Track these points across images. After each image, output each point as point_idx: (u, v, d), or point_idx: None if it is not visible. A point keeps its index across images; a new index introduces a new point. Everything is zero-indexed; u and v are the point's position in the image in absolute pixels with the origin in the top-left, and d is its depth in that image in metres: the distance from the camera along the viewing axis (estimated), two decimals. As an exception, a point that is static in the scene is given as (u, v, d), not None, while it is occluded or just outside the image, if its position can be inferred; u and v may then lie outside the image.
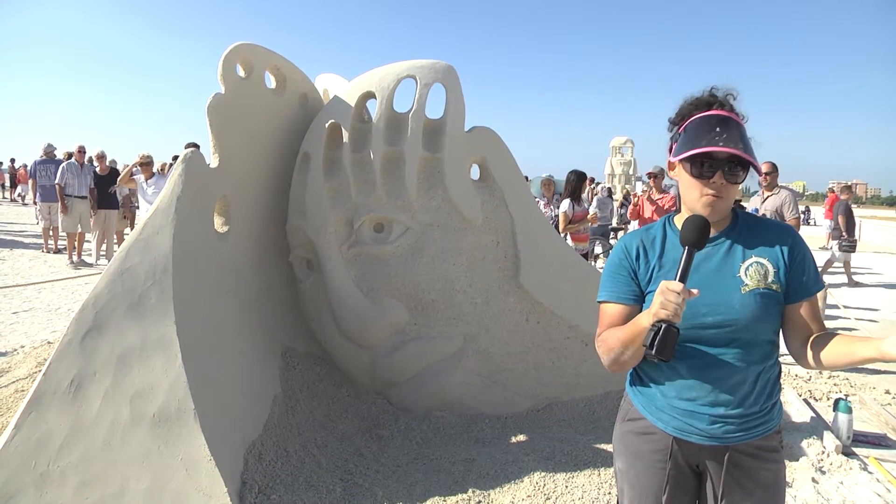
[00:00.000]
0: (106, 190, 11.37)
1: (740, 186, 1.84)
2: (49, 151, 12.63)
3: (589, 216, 8.19)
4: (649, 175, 8.59)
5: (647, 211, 8.23)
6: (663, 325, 1.59)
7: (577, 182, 7.90)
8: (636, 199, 8.63)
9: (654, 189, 8.54)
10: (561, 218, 7.80)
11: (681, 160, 1.77)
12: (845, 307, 7.71)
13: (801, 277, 1.77)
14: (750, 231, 1.83)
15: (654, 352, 1.59)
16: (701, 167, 1.72)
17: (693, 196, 1.77)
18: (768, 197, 6.93)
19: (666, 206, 8.02)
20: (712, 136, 1.71)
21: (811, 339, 1.75)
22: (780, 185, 7.16)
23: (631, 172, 28.99)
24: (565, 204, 7.82)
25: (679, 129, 1.85)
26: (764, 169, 6.94)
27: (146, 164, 9.40)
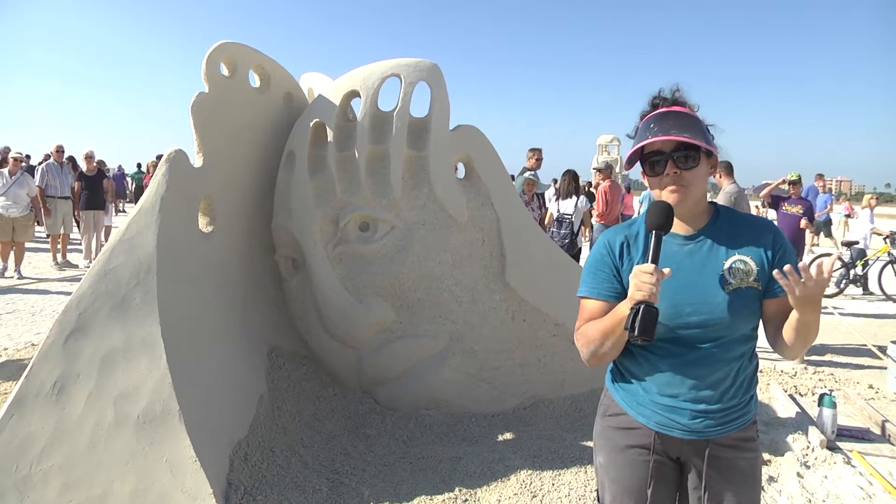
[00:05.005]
0: (94, 190, 11.26)
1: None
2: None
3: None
4: (596, 170, 9.17)
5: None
6: (641, 306, 1.61)
7: (576, 180, 8.40)
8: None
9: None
10: (586, 216, 8.44)
11: (634, 166, 1.86)
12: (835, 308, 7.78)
13: None
14: (731, 227, 1.84)
15: (636, 333, 1.61)
16: (652, 166, 1.79)
17: (657, 194, 1.81)
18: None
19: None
20: (647, 133, 1.77)
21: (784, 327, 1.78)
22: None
23: (617, 170, 29.09)
24: (584, 201, 8.27)
25: None
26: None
27: None
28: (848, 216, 25.74)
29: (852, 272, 10.45)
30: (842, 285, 10.39)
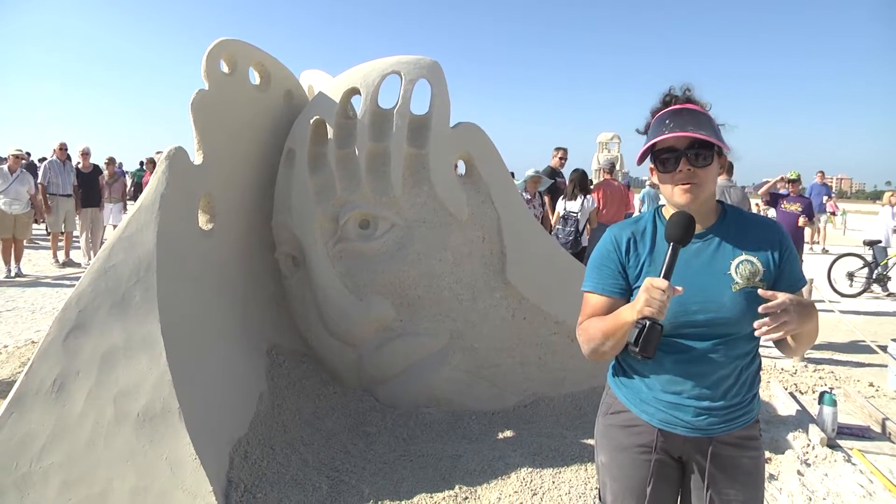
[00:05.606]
0: (90, 188, 11.23)
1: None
2: None
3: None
4: (601, 171, 9.10)
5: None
6: (648, 323, 1.60)
7: (583, 179, 8.23)
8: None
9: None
10: (592, 215, 8.21)
11: (647, 161, 1.83)
12: (831, 301, 7.77)
13: (788, 275, 1.79)
14: (738, 226, 1.84)
15: (638, 349, 1.60)
16: (664, 162, 1.76)
17: (668, 191, 1.79)
18: None
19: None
20: (662, 129, 1.75)
21: None
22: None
23: (618, 168, 29.06)
24: (591, 200, 8.12)
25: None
26: None
27: None
28: (833, 213, 25.77)
29: (875, 271, 10.35)
30: (865, 285, 10.32)
